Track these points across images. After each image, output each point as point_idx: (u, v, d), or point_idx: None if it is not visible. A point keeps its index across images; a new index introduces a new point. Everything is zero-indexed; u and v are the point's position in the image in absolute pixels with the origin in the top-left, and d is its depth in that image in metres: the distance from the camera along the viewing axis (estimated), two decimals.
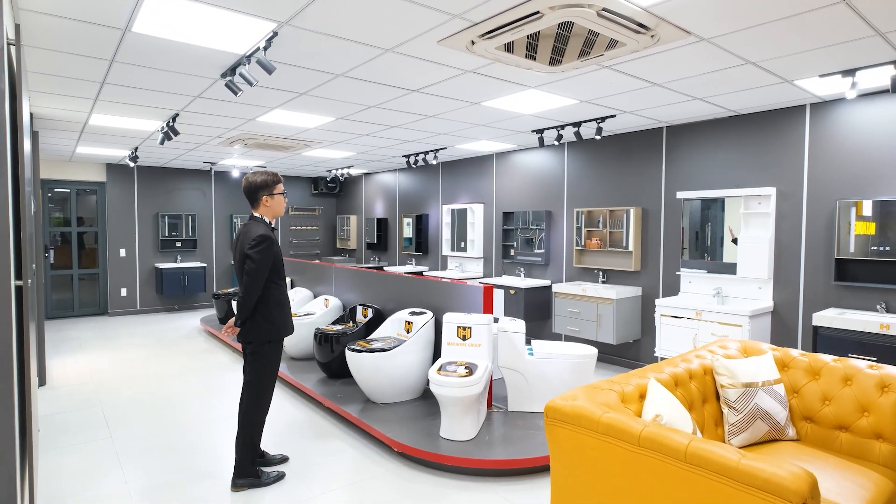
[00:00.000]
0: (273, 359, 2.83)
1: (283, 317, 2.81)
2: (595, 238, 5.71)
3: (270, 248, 2.69)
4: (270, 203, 2.82)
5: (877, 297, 3.85)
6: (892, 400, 2.24)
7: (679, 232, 5.05)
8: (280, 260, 2.82)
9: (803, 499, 1.24)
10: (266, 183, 2.81)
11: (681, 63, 3.15)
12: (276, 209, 2.84)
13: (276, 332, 2.79)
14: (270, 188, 2.81)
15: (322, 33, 2.73)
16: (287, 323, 2.84)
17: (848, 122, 4.00)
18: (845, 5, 2.34)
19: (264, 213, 2.83)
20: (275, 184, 2.81)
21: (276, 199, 2.83)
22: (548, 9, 2.28)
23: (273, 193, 2.82)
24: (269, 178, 2.81)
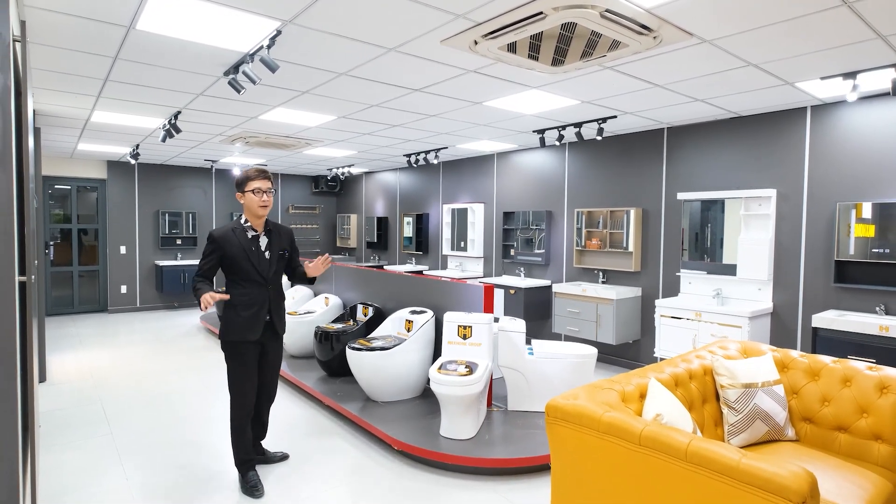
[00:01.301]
0: (231, 362, 2.74)
1: (234, 319, 2.69)
2: (595, 238, 5.72)
3: (209, 244, 2.67)
4: (243, 201, 2.73)
5: (876, 299, 3.87)
6: (891, 401, 2.25)
7: (679, 233, 5.06)
8: (234, 258, 2.68)
9: (803, 498, 1.25)
10: (238, 180, 2.74)
11: (683, 64, 3.16)
12: (249, 207, 2.71)
13: (229, 332, 2.70)
14: (241, 185, 2.71)
15: (326, 32, 2.73)
16: (237, 326, 2.68)
17: (848, 125, 4.01)
18: (847, 8, 2.35)
19: (244, 211, 2.76)
20: (246, 180, 2.69)
21: (246, 196, 2.70)
22: (551, 10, 2.29)
23: (244, 191, 2.71)
24: (242, 175, 2.72)
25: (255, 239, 2.75)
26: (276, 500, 2.75)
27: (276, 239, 2.83)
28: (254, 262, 2.71)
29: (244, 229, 2.74)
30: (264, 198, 2.71)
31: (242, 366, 2.73)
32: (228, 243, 2.67)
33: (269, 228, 2.82)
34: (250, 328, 2.70)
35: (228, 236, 2.68)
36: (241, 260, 2.68)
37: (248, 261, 2.69)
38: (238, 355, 2.72)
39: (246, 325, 2.69)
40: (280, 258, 2.83)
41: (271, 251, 2.79)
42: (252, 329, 2.71)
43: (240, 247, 2.68)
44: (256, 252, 2.73)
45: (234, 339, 2.70)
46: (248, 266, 2.69)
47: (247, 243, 2.70)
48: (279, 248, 2.82)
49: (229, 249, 2.66)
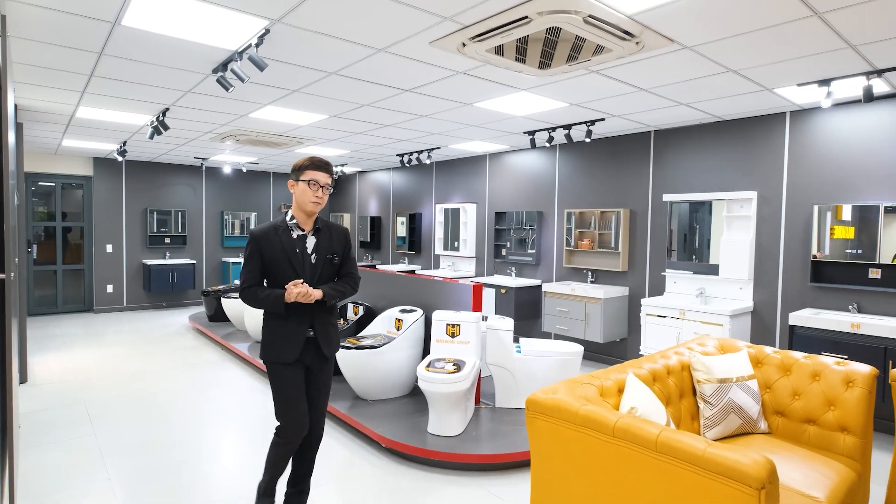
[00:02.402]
0: (271, 383, 2.34)
1: (270, 334, 2.31)
2: (586, 239, 5.80)
3: (249, 245, 2.29)
4: (294, 191, 2.32)
5: (849, 298, 3.99)
6: (857, 395, 2.34)
7: (665, 233, 5.16)
8: (273, 261, 2.29)
9: (762, 483, 1.33)
10: (295, 165, 2.32)
11: (665, 69, 3.24)
12: (299, 200, 2.30)
13: (265, 352, 2.33)
14: (298, 172, 2.31)
15: (314, 31, 2.78)
16: (273, 344, 2.30)
17: (825, 130, 4.12)
18: (818, 19, 2.44)
19: (293, 204, 2.36)
20: (303, 167, 2.30)
21: (299, 186, 2.29)
22: (536, 14, 2.35)
23: (298, 179, 2.30)
24: (301, 160, 2.31)
25: (300, 239, 2.33)
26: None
27: (325, 240, 2.38)
28: (296, 265, 2.29)
29: (288, 228, 2.33)
30: (319, 193, 2.29)
31: (284, 389, 2.31)
32: (269, 243, 2.28)
33: (319, 227, 2.39)
34: (287, 346, 2.28)
35: (269, 235, 2.29)
36: (281, 263, 2.28)
37: (290, 264, 2.28)
38: (277, 377, 2.31)
39: (282, 342, 2.28)
40: (328, 262, 2.38)
41: (318, 254, 2.35)
42: (289, 347, 2.28)
43: (281, 248, 2.28)
44: (301, 254, 2.31)
45: (270, 359, 2.32)
46: (289, 270, 2.28)
47: (290, 244, 2.29)
48: (328, 250, 2.38)
49: (268, 251, 2.27)
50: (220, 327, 6.65)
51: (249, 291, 2.27)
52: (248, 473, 3.03)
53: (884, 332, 3.49)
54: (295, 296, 2.19)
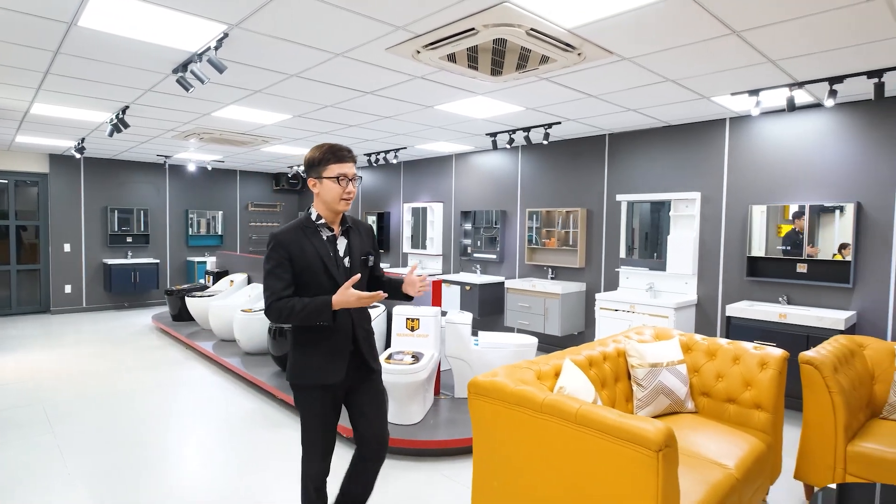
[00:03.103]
0: (302, 411, 2.03)
1: (306, 354, 1.98)
2: (549, 237, 6.04)
3: (275, 250, 1.92)
4: (318, 190, 1.97)
5: (780, 291, 4.32)
6: (769, 375, 2.61)
7: (619, 232, 5.44)
8: (307, 269, 1.94)
9: (660, 446, 1.53)
10: (311, 160, 1.97)
11: (609, 78, 3.47)
12: (325, 198, 1.96)
13: (299, 374, 1.99)
14: (316, 168, 1.96)
15: (273, 36, 2.88)
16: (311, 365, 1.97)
17: (760, 136, 4.45)
18: (736, 37, 2.69)
19: (316, 203, 2.02)
20: (323, 162, 1.95)
21: (323, 184, 1.95)
22: (482, 26, 2.52)
23: (321, 176, 1.95)
24: (317, 154, 1.96)
25: (331, 241, 2.02)
26: (231, 483, 2.89)
27: (356, 239, 2.08)
28: (332, 272, 1.97)
29: (316, 228, 2.00)
30: (350, 188, 1.97)
31: (316, 418, 2.01)
32: (299, 248, 1.94)
33: (349, 226, 2.08)
34: (330, 366, 1.97)
35: (297, 239, 1.95)
36: (315, 271, 1.95)
37: (326, 271, 1.96)
38: (310, 404, 2.00)
39: (323, 362, 1.96)
40: (363, 265, 2.08)
41: (352, 256, 2.05)
42: (332, 367, 1.97)
43: (314, 253, 1.95)
44: (334, 258, 1.99)
45: (307, 384, 1.98)
46: (325, 279, 1.96)
47: (322, 248, 1.97)
48: (361, 251, 2.08)
49: (300, 257, 1.93)
50: (184, 327, 6.62)
51: (280, 305, 1.87)
52: (214, 469, 3.11)
53: (806, 321, 3.82)
54: (357, 299, 1.82)
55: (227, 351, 5.36)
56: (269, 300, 1.90)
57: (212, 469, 3.06)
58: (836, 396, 2.57)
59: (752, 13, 2.44)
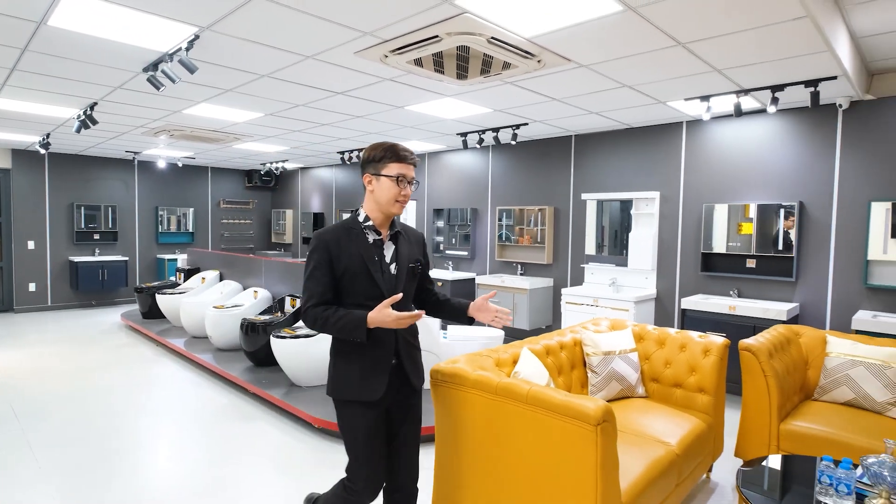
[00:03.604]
0: (344, 427, 1.86)
1: (346, 368, 1.82)
2: (522, 235, 6.23)
3: (317, 251, 1.79)
4: (373, 188, 1.85)
5: (731, 285, 4.60)
6: (711, 361, 2.83)
7: (584, 229, 5.66)
8: (350, 273, 1.79)
9: (599, 421, 1.70)
10: (370, 156, 1.85)
11: (569, 83, 3.66)
12: (380, 198, 1.84)
13: (337, 388, 1.84)
14: (375, 164, 1.83)
15: (244, 39, 2.95)
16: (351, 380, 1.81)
17: (713, 139, 4.72)
18: (682, 48, 2.90)
19: (366, 203, 1.89)
20: (383, 159, 1.82)
21: (381, 182, 1.83)
22: (445, 34, 2.66)
23: (379, 173, 1.83)
24: (377, 150, 1.83)
25: (378, 245, 1.87)
26: (203, 475, 2.96)
27: (404, 246, 1.93)
28: (376, 278, 1.81)
29: (364, 231, 1.86)
30: (407, 190, 1.84)
31: (359, 434, 1.83)
32: (342, 250, 1.80)
33: (397, 231, 1.93)
34: (370, 381, 1.81)
35: (342, 240, 1.82)
36: (360, 276, 1.80)
37: (369, 277, 1.81)
38: (352, 420, 1.83)
39: (363, 376, 1.81)
40: (410, 273, 1.92)
41: (399, 263, 1.89)
42: (372, 382, 1.81)
43: (358, 256, 1.81)
44: (380, 264, 1.84)
45: (346, 399, 1.83)
46: (370, 285, 1.81)
47: (367, 251, 1.83)
48: (409, 259, 1.92)
49: (344, 260, 1.79)
50: (154, 324, 6.58)
51: (316, 313, 1.75)
52: (186, 461, 3.18)
53: (753, 313, 4.09)
54: (394, 320, 1.69)
55: (199, 347, 5.37)
56: (307, 304, 1.78)
57: (184, 461, 3.13)
58: (770, 380, 2.80)
59: (694, 27, 2.64)
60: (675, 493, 2.35)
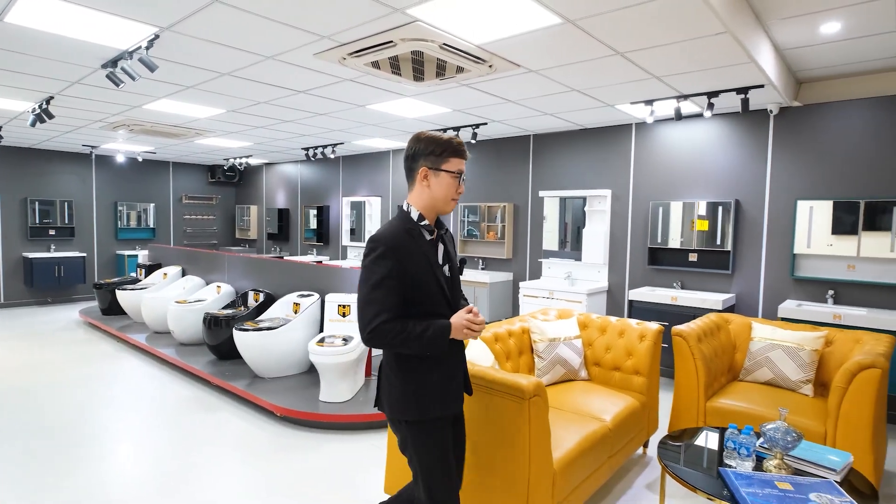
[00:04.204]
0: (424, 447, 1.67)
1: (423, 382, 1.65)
2: (482, 231, 6.43)
3: (384, 258, 1.59)
4: (429, 182, 1.67)
5: (675, 277, 4.93)
6: (646, 346, 3.09)
7: (542, 225, 5.91)
8: (418, 280, 1.63)
9: (531, 395, 1.91)
10: (433, 149, 1.66)
11: (522, 86, 3.86)
12: (436, 194, 1.68)
13: (416, 408, 1.64)
14: (437, 158, 1.66)
15: (204, 39, 3.03)
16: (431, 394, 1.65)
17: (660, 140, 5.03)
18: (621, 57, 3.14)
19: (417, 199, 1.70)
20: (446, 154, 1.66)
21: (440, 177, 1.67)
22: (399, 40, 2.81)
23: (439, 168, 1.66)
24: (441, 142, 1.67)
25: (433, 246, 1.72)
26: (166, 464, 3.04)
27: (450, 246, 1.79)
28: (442, 282, 1.68)
29: (422, 230, 1.70)
30: (462, 188, 1.72)
31: (443, 454, 1.69)
32: (411, 256, 1.63)
33: (446, 230, 1.80)
34: (451, 392, 1.69)
35: (407, 244, 1.64)
36: (427, 282, 1.64)
37: (437, 282, 1.67)
38: (438, 438, 1.67)
39: (444, 389, 1.68)
40: (457, 275, 1.79)
41: (450, 264, 1.76)
42: (454, 392, 1.71)
43: (425, 261, 1.65)
44: (437, 266, 1.69)
45: (431, 416, 1.66)
46: (437, 291, 1.66)
47: (432, 254, 1.68)
48: (455, 259, 1.80)
49: (413, 266, 1.62)
50: (115, 320, 6.50)
51: (393, 328, 1.55)
52: (148, 452, 3.24)
53: (693, 303, 4.41)
54: (479, 327, 1.62)
55: (162, 342, 5.37)
56: (376, 321, 1.54)
57: (146, 451, 3.19)
58: (698, 362, 3.08)
59: (630, 38, 2.87)
60: (608, 464, 2.59)
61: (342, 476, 2.90)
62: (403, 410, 1.64)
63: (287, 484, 2.81)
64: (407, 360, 1.65)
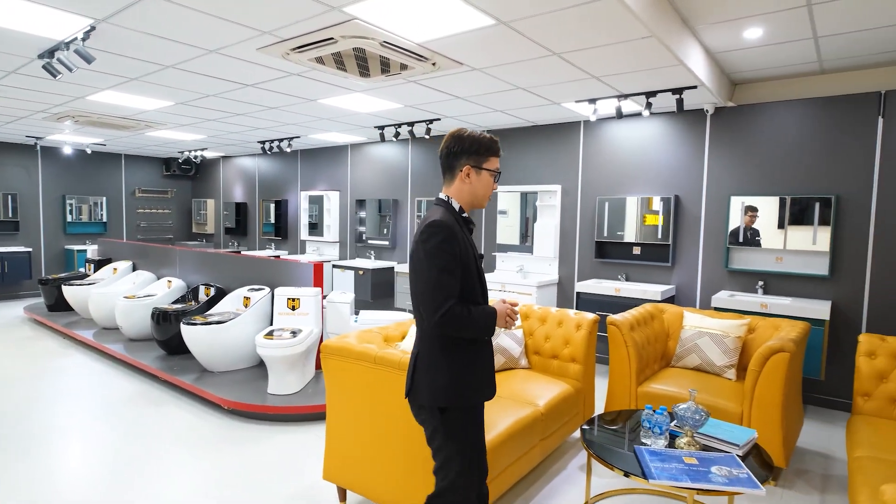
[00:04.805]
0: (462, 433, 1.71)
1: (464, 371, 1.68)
2: None
3: (448, 243, 1.62)
4: (472, 180, 1.76)
5: (621, 270, 5.14)
6: (582, 334, 3.24)
7: (495, 219, 6.04)
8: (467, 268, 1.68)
9: None
10: (479, 148, 1.75)
11: (468, 84, 3.95)
12: (477, 191, 1.78)
13: (459, 395, 1.68)
14: (479, 156, 1.75)
15: (143, 32, 2.99)
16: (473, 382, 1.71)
17: (606, 138, 5.22)
18: (557, 57, 3.26)
19: (457, 193, 1.78)
20: (486, 153, 1.76)
21: (482, 176, 1.76)
22: (340, 37, 2.85)
23: (480, 167, 1.76)
24: (485, 140, 1.76)
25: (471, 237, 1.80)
26: (113, 457, 3.02)
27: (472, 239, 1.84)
28: (481, 273, 1.77)
29: (465, 222, 1.78)
30: (496, 185, 1.83)
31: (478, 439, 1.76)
32: (461, 244, 1.68)
33: (473, 224, 1.85)
34: (489, 378, 1.77)
35: (459, 232, 1.69)
36: (472, 271, 1.70)
37: (477, 271, 1.74)
38: (475, 422, 1.74)
39: (484, 375, 1.75)
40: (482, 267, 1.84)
41: (477, 259, 1.80)
42: (490, 379, 1.78)
43: (470, 250, 1.72)
44: (478, 257, 1.78)
45: (469, 402, 1.71)
46: (477, 279, 1.73)
47: (472, 246, 1.76)
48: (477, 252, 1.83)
49: (463, 254, 1.67)
50: (61, 317, 6.31)
51: (457, 312, 1.59)
52: (94, 445, 3.21)
53: (634, 294, 4.62)
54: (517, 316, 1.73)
55: (110, 338, 5.26)
56: (446, 304, 1.57)
57: (92, 444, 3.16)
58: (630, 349, 3.26)
59: (563, 40, 2.99)
60: (540, 447, 2.73)
61: (289, 465, 2.95)
62: (450, 397, 1.66)
63: (234, 475, 2.84)
64: (454, 349, 1.66)
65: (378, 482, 2.28)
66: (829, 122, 4.13)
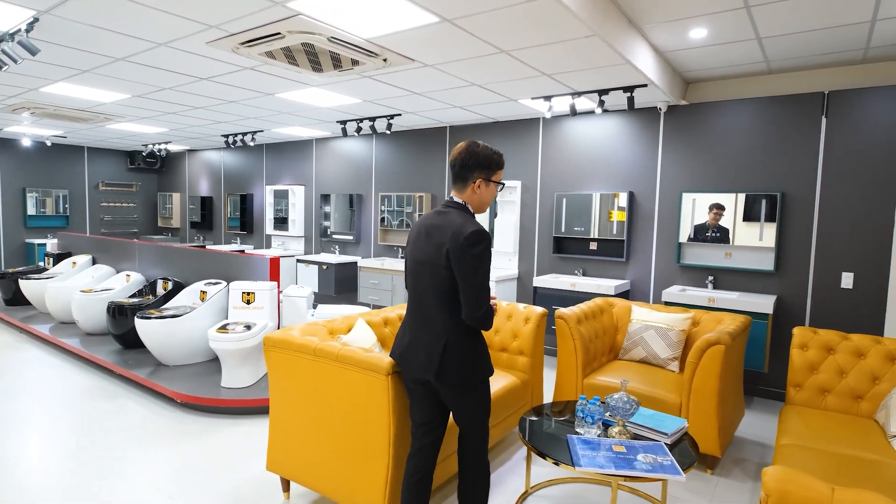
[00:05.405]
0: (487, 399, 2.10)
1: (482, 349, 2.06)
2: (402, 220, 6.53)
3: (489, 249, 1.96)
4: (482, 191, 2.04)
5: (578, 265, 5.26)
6: (530, 328, 3.33)
7: None
8: None
9: (388, 372, 2.07)
10: (492, 162, 2.04)
11: (423, 80, 3.99)
12: (484, 199, 2.06)
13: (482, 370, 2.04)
14: (491, 170, 2.04)
15: (88, 24, 2.95)
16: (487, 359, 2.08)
17: (564, 135, 5.32)
18: (506, 55, 3.32)
19: (468, 199, 2.04)
20: (496, 168, 2.06)
21: (489, 188, 2.06)
22: (287, 32, 2.86)
23: (489, 180, 2.04)
24: (497, 156, 2.06)
25: None
26: (65, 450, 2.99)
27: None
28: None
29: None
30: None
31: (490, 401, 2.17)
32: None
33: None
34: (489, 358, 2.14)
35: None
36: None
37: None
38: (489, 391, 2.14)
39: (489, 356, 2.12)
40: None
41: None
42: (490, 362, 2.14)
43: None
44: None
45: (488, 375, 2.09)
46: None
47: None
48: None
49: None
50: (18, 311, 6.17)
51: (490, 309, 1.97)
52: (47, 438, 3.17)
53: (589, 289, 4.74)
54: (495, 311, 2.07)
55: (66, 332, 5.17)
56: (488, 303, 1.94)
57: (45, 437, 3.13)
58: (577, 342, 3.36)
59: (509, 38, 3.05)
60: None
61: (237, 458, 2.97)
62: (479, 373, 2.03)
63: (184, 467, 2.85)
64: (476, 334, 2.03)
65: (319, 473, 2.32)
66: (776, 121, 4.28)
